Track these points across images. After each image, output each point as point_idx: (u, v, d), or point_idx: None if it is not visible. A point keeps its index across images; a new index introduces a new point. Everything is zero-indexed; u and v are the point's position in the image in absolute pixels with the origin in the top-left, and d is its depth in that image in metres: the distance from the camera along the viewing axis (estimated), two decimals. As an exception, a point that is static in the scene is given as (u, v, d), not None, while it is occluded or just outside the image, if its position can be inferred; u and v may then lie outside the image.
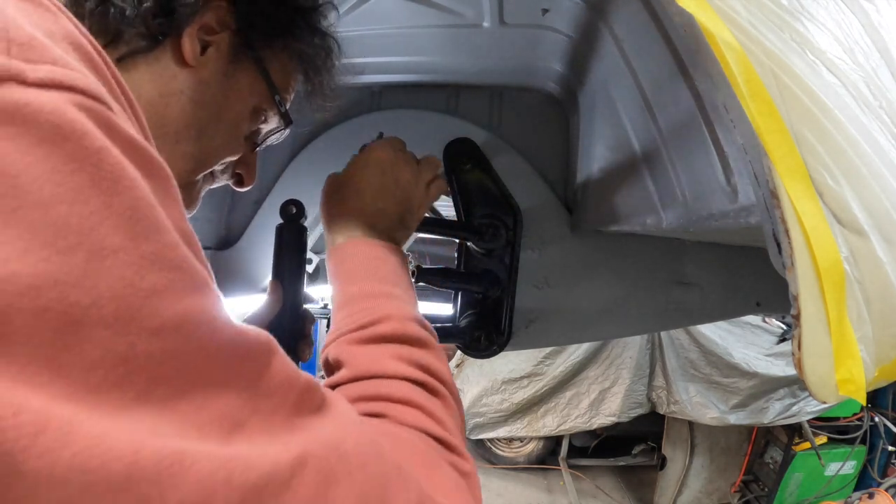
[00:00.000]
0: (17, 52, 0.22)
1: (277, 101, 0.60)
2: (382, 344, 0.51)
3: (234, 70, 0.55)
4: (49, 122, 0.21)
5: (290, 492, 0.25)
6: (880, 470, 3.49)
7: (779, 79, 0.38)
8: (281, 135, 0.66)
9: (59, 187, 0.21)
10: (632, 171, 0.75)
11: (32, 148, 0.21)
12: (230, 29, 0.54)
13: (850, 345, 0.36)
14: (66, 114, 0.22)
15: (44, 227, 0.20)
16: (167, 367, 0.23)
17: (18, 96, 0.21)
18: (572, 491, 4.13)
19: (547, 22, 0.88)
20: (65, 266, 0.20)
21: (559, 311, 1.07)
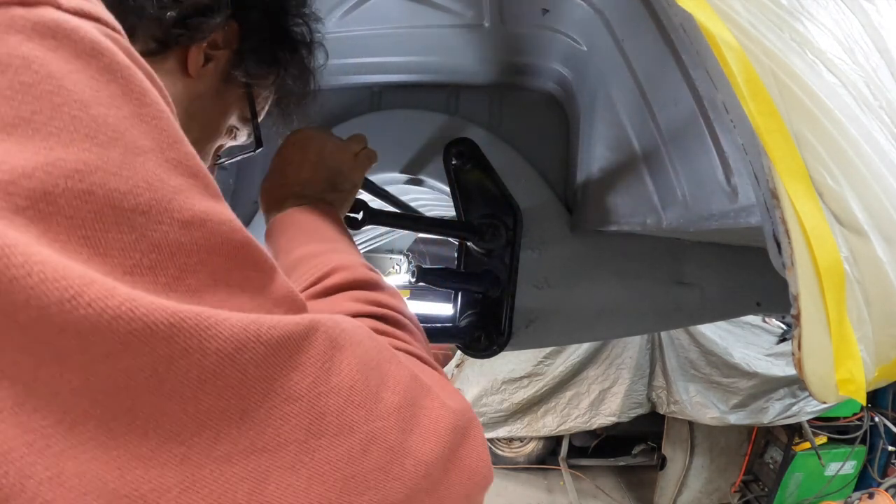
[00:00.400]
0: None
1: (256, 125, 0.64)
2: (336, 294, 0.52)
3: (224, 88, 0.59)
4: (86, 39, 0.23)
5: (304, 352, 0.27)
6: (880, 470, 3.49)
7: (779, 79, 0.38)
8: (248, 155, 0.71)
9: (98, 92, 0.23)
10: (632, 171, 0.75)
11: (72, 59, 0.23)
12: (231, 48, 0.57)
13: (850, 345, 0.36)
14: (97, 35, 0.24)
15: (86, 122, 0.22)
16: (194, 258, 0.24)
17: (57, 16, 0.23)
18: (572, 491, 4.13)
19: (547, 22, 0.88)
20: (104, 156, 0.22)
21: (559, 311, 1.07)
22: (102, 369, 0.20)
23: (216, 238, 0.26)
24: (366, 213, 0.93)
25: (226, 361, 0.23)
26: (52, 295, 0.19)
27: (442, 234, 1.09)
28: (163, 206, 0.24)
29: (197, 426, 0.22)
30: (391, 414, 0.31)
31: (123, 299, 0.21)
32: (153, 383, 0.21)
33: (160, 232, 0.23)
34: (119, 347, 0.20)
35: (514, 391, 4.03)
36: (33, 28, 0.22)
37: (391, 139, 1.10)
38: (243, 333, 0.24)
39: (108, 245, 0.22)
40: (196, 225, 0.25)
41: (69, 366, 0.20)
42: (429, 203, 1.73)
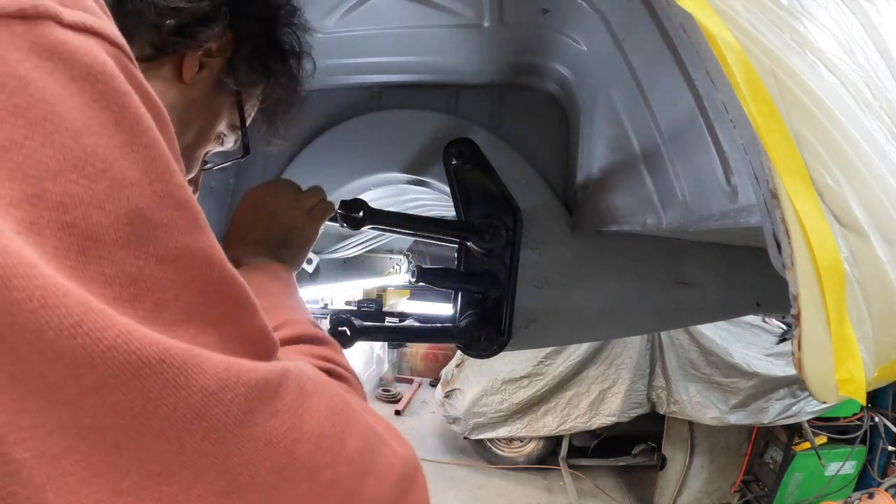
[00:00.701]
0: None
1: (244, 132, 0.66)
2: (284, 347, 0.54)
3: (216, 94, 0.60)
4: (83, 63, 0.23)
5: (279, 397, 0.28)
6: (880, 470, 3.49)
7: (779, 79, 0.38)
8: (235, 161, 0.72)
9: (90, 120, 0.23)
10: (632, 171, 0.75)
11: (68, 83, 0.23)
12: (225, 56, 0.58)
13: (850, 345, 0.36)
14: (98, 57, 0.24)
15: (76, 151, 0.22)
16: (169, 293, 0.25)
17: (56, 35, 0.23)
18: (572, 491, 4.14)
19: (547, 22, 0.88)
20: (90, 189, 0.22)
21: (559, 311, 1.07)
22: (92, 403, 0.20)
23: (190, 274, 0.26)
24: (366, 212, 0.93)
25: (210, 400, 0.24)
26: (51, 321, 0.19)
27: (442, 234, 1.09)
28: (140, 241, 0.24)
29: (179, 466, 0.23)
30: (352, 460, 0.32)
31: (119, 331, 0.21)
32: (141, 421, 0.22)
33: (136, 267, 0.24)
34: (111, 380, 0.21)
35: (514, 391, 4.03)
36: (31, 48, 0.22)
37: (391, 139, 1.10)
38: (226, 373, 0.25)
39: (90, 277, 0.22)
40: (171, 261, 0.25)
41: (58, 398, 0.20)
42: (429, 203, 1.73)
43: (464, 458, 4.68)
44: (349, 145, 1.10)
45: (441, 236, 1.07)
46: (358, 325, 0.91)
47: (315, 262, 1.31)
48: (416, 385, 6.45)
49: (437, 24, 0.91)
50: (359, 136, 1.10)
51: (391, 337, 1.22)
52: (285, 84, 0.69)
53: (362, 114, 1.12)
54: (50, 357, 0.19)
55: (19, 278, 0.19)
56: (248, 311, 0.31)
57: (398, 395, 6.08)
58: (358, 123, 1.11)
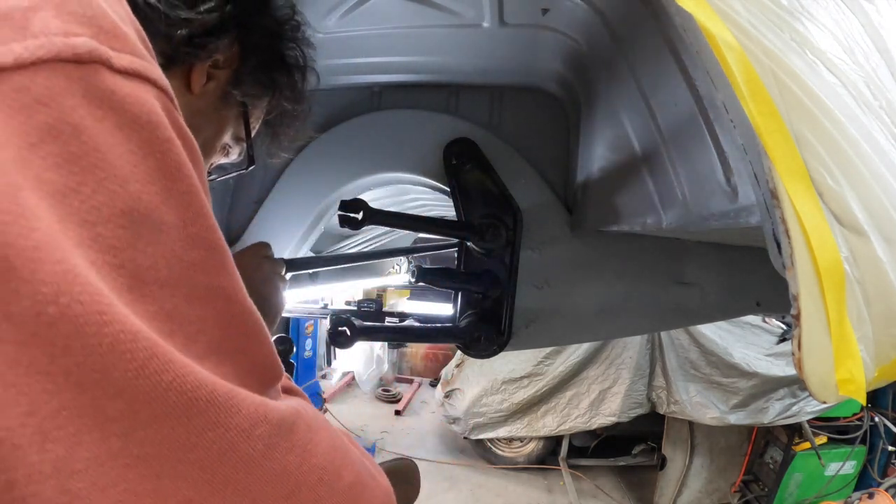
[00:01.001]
0: (104, 39, 0.26)
1: (249, 144, 0.67)
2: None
3: (222, 106, 0.61)
4: (130, 112, 0.25)
5: (293, 434, 0.31)
6: (880, 470, 3.49)
7: (779, 79, 0.38)
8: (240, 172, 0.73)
9: (135, 168, 0.25)
10: (632, 171, 0.75)
11: (116, 131, 0.25)
12: (231, 68, 0.60)
13: (850, 345, 0.36)
14: (145, 105, 0.26)
15: (123, 198, 0.25)
16: (195, 328, 0.28)
17: (108, 83, 0.25)
18: (572, 491, 4.13)
19: (547, 22, 0.88)
20: (136, 233, 0.25)
21: (559, 311, 1.07)
22: (142, 435, 0.23)
23: (214, 311, 0.29)
24: (366, 212, 0.93)
25: (242, 435, 0.27)
26: (118, 364, 0.22)
27: (442, 234, 1.09)
28: (175, 281, 0.26)
29: (209, 492, 0.25)
30: (345, 491, 0.36)
31: (176, 374, 0.24)
32: (183, 452, 0.24)
33: (173, 304, 0.26)
34: (163, 416, 0.23)
35: (514, 391, 4.03)
36: (84, 94, 0.24)
37: (391, 139, 1.10)
38: (255, 412, 0.28)
39: (141, 314, 0.24)
40: (199, 299, 0.28)
41: (113, 430, 0.22)
42: (429, 203, 1.73)
43: (464, 458, 4.67)
44: (349, 145, 1.10)
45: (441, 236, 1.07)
46: (358, 325, 0.91)
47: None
48: (416, 385, 6.44)
49: (437, 24, 0.91)
50: (359, 136, 1.10)
51: (391, 337, 1.23)
52: (290, 97, 0.70)
53: (362, 114, 1.12)
54: (112, 394, 0.22)
55: (92, 325, 0.21)
56: (260, 341, 0.33)
57: (398, 395, 6.08)
58: (358, 123, 1.11)
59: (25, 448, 0.20)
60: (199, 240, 0.28)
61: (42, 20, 0.24)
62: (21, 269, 0.20)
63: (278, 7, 0.65)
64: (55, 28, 0.24)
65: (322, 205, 1.12)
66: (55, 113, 0.23)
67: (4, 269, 0.20)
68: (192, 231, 0.28)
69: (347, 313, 1.02)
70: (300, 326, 4.71)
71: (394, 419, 5.57)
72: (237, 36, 0.58)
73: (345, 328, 0.90)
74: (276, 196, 1.12)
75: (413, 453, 4.53)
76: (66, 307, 0.21)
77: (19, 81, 0.22)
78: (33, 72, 0.23)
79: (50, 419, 0.21)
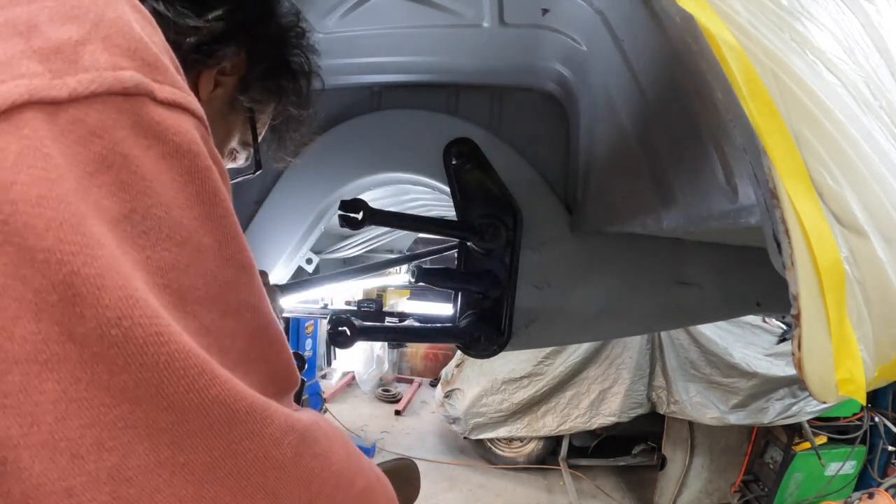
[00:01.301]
0: (148, 71, 0.27)
1: (256, 149, 0.68)
2: None
3: (229, 112, 0.62)
4: (173, 141, 0.27)
5: (317, 443, 0.33)
6: (880, 470, 3.49)
7: (779, 79, 0.38)
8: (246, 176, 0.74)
9: (178, 195, 0.27)
10: (632, 171, 0.75)
11: (160, 160, 0.27)
12: (238, 75, 0.61)
13: (850, 345, 0.36)
14: (186, 135, 0.28)
15: (168, 223, 0.27)
16: (228, 341, 0.30)
17: (153, 114, 0.27)
18: (572, 491, 4.13)
19: (547, 22, 0.88)
20: (178, 255, 0.27)
21: (559, 311, 1.07)
22: (189, 444, 0.25)
23: (243, 324, 0.31)
24: (366, 212, 0.93)
25: (274, 444, 0.29)
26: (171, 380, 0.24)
27: (442, 234, 1.09)
28: (212, 299, 0.29)
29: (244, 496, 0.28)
30: (358, 496, 0.38)
31: (221, 389, 0.26)
32: (223, 459, 0.26)
33: (210, 320, 0.28)
34: (208, 427, 0.25)
35: (514, 391, 4.03)
36: (132, 126, 0.26)
37: (391, 139, 1.10)
38: (285, 423, 0.30)
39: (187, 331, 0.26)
40: (231, 314, 0.30)
41: (163, 440, 0.24)
42: (429, 203, 1.73)
43: (464, 458, 4.67)
44: (349, 145, 1.10)
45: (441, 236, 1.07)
46: (358, 325, 0.91)
47: (315, 262, 1.31)
48: (416, 385, 6.44)
49: (437, 24, 0.91)
50: (359, 136, 1.10)
51: (391, 337, 1.23)
52: (296, 102, 0.71)
53: (362, 114, 1.12)
54: (164, 406, 0.24)
55: (151, 346, 0.23)
56: (281, 350, 0.35)
57: (398, 395, 6.08)
58: (358, 123, 1.11)
59: (84, 457, 0.22)
60: (233, 260, 0.30)
61: (92, 54, 0.25)
62: (86, 296, 0.22)
63: (283, 14, 0.66)
64: (104, 62, 0.26)
65: (322, 205, 1.12)
66: (108, 144, 0.25)
67: (71, 295, 0.22)
68: (227, 252, 0.30)
69: (347, 313, 1.02)
70: (300, 326, 4.71)
71: (394, 419, 5.57)
72: (244, 43, 0.59)
73: (345, 328, 0.90)
74: (276, 196, 1.12)
75: (413, 453, 4.53)
76: (127, 329, 0.23)
77: (74, 114, 0.24)
78: (87, 105, 0.24)
79: (107, 430, 0.23)
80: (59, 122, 0.23)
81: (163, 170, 0.27)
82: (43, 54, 0.24)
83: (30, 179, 0.22)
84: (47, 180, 0.22)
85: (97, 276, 0.22)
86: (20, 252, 0.21)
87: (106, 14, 0.27)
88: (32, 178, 0.22)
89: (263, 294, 0.33)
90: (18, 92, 0.23)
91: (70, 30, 0.25)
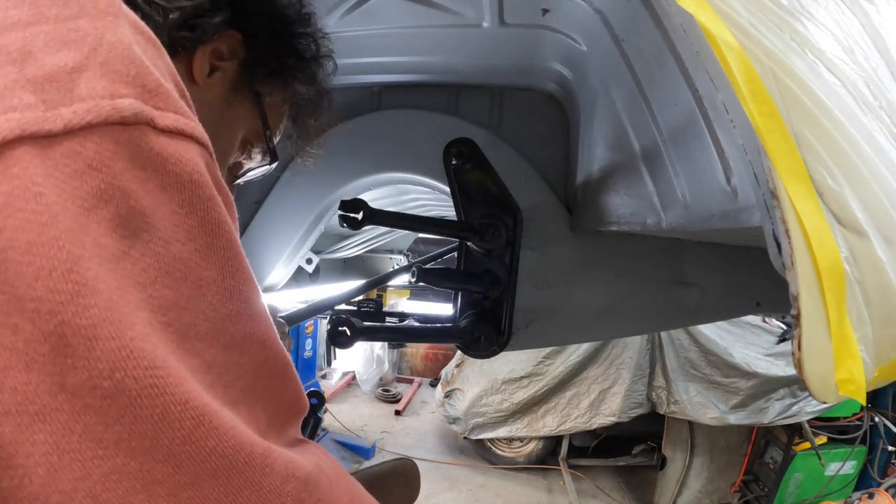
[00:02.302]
0: (148, 98, 0.26)
1: (268, 135, 0.65)
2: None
3: (233, 98, 0.60)
4: (173, 172, 0.26)
5: (318, 489, 0.33)
6: (880, 470, 3.49)
7: (779, 79, 0.38)
8: (264, 171, 0.71)
9: (177, 227, 0.26)
10: (632, 171, 0.75)
11: (160, 192, 0.26)
12: (238, 59, 0.59)
13: (850, 345, 0.36)
14: (188, 164, 0.27)
15: (167, 259, 0.26)
16: (232, 375, 0.29)
17: (152, 144, 0.26)
18: (572, 491, 4.13)
19: (547, 22, 0.88)
20: (178, 292, 0.26)
21: (559, 311, 1.07)
22: (185, 496, 0.24)
23: (248, 357, 0.30)
24: (366, 212, 0.93)
25: (274, 492, 0.28)
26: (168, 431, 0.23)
27: (442, 234, 1.09)
28: (214, 334, 0.28)
29: None
30: None
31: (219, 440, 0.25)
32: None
33: (211, 356, 0.27)
34: (205, 477, 0.25)
35: (514, 391, 4.03)
36: (131, 157, 0.25)
37: (391, 139, 1.10)
38: (286, 470, 0.30)
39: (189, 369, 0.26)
40: (234, 347, 0.29)
41: (158, 492, 0.23)
42: (429, 203, 1.73)
43: (464, 458, 4.67)
44: (349, 145, 1.10)
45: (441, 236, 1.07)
46: (358, 325, 0.91)
47: (315, 261, 1.31)
48: (416, 385, 6.44)
49: (437, 24, 0.91)
50: (359, 136, 1.10)
51: (391, 337, 1.23)
52: (306, 86, 0.68)
53: (362, 114, 1.12)
54: (160, 458, 0.23)
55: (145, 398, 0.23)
56: (288, 379, 0.35)
57: (398, 395, 6.08)
58: (358, 123, 1.11)
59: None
60: (236, 292, 0.29)
61: (88, 81, 0.24)
62: (77, 347, 0.22)
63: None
64: (101, 90, 0.25)
65: (322, 205, 1.12)
66: (106, 178, 0.24)
67: (62, 346, 0.21)
68: (230, 284, 0.29)
69: (347, 313, 1.02)
70: (300, 326, 4.71)
71: (394, 419, 5.57)
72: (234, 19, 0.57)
73: (345, 328, 0.90)
74: (276, 196, 1.12)
75: (413, 453, 4.53)
76: (120, 382, 0.22)
77: (70, 147, 0.23)
78: (83, 137, 0.23)
79: (101, 483, 0.22)
80: (53, 157, 0.22)
81: (162, 202, 0.26)
82: (37, 83, 0.23)
83: (19, 224, 0.21)
84: (38, 224, 0.21)
85: (89, 326, 0.22)
86: (10, 301, 0.21)
87: (105, 37, 0.26)
88: (22, 222, 0.21)
89: (269, 323, 0.32)
90: (9, 127, 0.22)
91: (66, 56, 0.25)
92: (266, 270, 1.15)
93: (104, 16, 0.27)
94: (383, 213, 0.98)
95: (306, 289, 1.54)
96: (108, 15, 0.27)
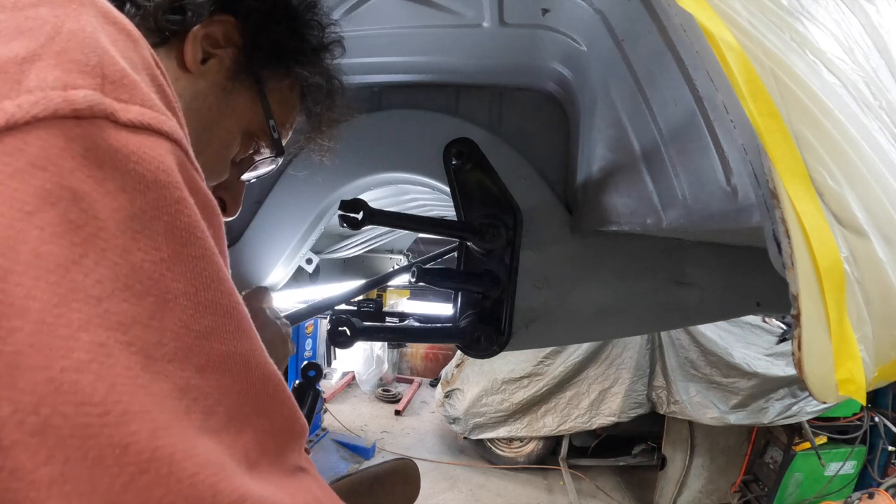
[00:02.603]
0: (110, 89, 0.24)
1: (271, 125, 0.60)
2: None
3: (233, 87, 0.56)
4: (135, 171, 0.23)
5: None
6: (880, 470, 3.49)
7: (779, 79, 0.38)
8: (272, 165, 0.67)
9: (138, 234, 0.23)
10: (632, 171, 0.75)
11: (119, 193, 0.23)
12: (236, 46, 0.56)
13: (850, 345, 0.36)
14: (153, 162, 0.24)
15: (124, 270, 0.23)
16: (212, 400, 0.26)
17: (111, 140, 0.23)
18: (572, 491, 4.13)
19: (547, 22, 0.88)
20: (140, 307, 0.23)
21: (559, 311, 1.07)
22: None
23: (230, 379, 0.27)
24: (366, 212, 0.93)
25: None
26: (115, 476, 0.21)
27: (442, 234, 1.09)
28: (185, 354, 0.25)
29: None
30: None
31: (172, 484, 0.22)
32: None
33: (184, 379, 0.24)
34: None
35: (514, 391, 4.03)
36: (84, 154, 0.22)
37: (391, 139, 1.10)
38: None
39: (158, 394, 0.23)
40: (212, 369, 0.26)
41: None
42: (429, 203, 1.73)
43: (464, 458, 4.67)
44: (349, 145, 1.10)
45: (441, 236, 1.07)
46: (358, 325, 0.91)
47: (315, 262, 1.31)
48: (416, 385, 6.44)
49: (437, 24, 0.91)
50: (359, 136, 1.10)
51: (391, 337, 1.23)
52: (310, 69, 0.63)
53: (363, 114, 1.12)
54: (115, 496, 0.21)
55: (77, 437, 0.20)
56: (281, 401, 0.31)
57: (398, 395, 6.08)
58: (358, 123, 1.11)
59: None
60: (212, 306, 0.26)
61: (39, 72, 0.22)
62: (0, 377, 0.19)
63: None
64: (52, 81, 0.22)
65: (322, 205, 1.12)
66: (53, 177, 0.21)
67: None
68: (205, 297, 0.26)
69: (347, 313, 1.02)
70: (300, 326, 4.71)
71: (394, 419, 5.57)
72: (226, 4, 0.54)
73: (345, 328, 0.90)
74: (276, 196, 1.12)
75: (413, 453, 4.53)
76: (47, 418, 0.20)
77: (12, 144, 0.21)
78: (27, 132, 0.21)
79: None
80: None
81: (121, 205, 0.23)
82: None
83: None
84: None
85: (12, 353, 0.19)
86: None
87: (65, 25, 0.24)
88: None
89: (256, 341, 0.29)
90: None
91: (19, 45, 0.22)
92: (266, 270, 1.15)
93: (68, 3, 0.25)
94: (383, 213, 0.98)
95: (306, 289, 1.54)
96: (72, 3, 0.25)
